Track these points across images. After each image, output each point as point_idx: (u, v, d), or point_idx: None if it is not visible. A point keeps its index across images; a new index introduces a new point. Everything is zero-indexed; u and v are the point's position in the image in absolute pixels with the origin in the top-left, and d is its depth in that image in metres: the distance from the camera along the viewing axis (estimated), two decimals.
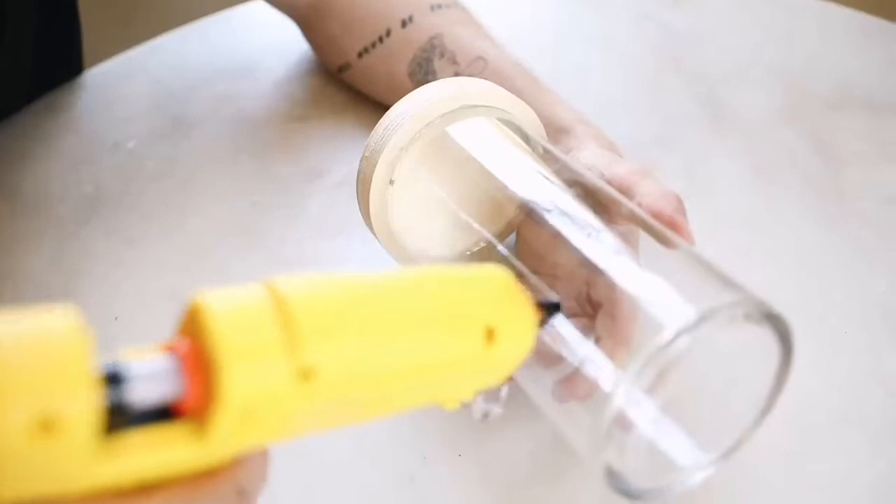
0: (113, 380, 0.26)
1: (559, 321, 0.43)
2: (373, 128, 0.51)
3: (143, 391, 0.26)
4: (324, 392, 0.27)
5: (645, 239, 0.43)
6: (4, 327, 0.24)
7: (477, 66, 0.62)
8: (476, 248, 0.52)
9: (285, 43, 0.75)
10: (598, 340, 0.42)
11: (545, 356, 0.42)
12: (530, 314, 0.34)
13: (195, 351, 0.26)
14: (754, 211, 0.63)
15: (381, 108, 0.67)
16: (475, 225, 0.48)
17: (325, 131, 0.69)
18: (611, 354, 0.39)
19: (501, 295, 0.33)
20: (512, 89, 0.53)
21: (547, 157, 0.50)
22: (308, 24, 0.71)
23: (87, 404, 0.24)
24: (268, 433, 0.28)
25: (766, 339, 0.38)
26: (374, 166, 0.49)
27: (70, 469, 0.25)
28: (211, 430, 0.26)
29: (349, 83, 0.70)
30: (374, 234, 0.52)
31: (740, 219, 0.63)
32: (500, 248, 0.47)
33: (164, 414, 0.26)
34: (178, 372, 0.26)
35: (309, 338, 0.27)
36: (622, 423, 0.37)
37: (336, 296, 0.28)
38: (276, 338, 0.26)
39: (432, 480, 0.49)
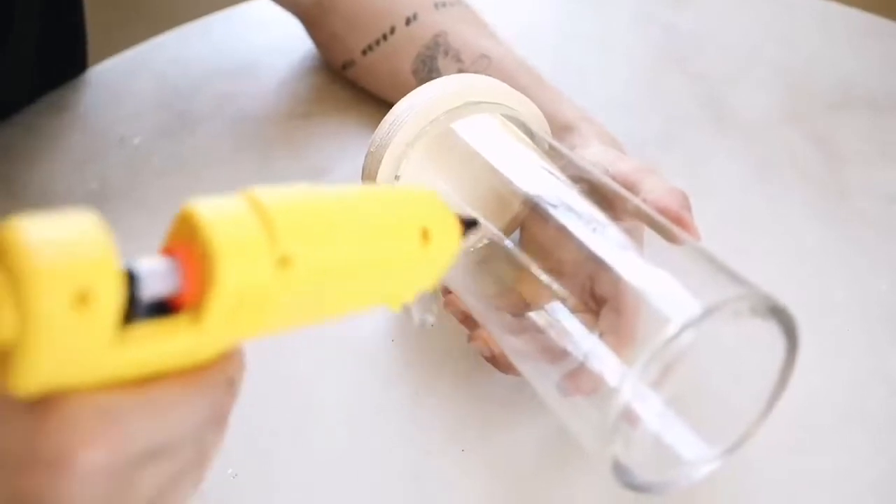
0: (128, 276, 0.29)
1: (564, 316, 0.43)
2: (376, 125, 0.51)
3: (150, 287, 0.29)
4: (298, 279, 0.32)
5: (650, 235, 0.44)
6: (40, 220, 0.28)
7: (481, 64, 0.62)
8: (480, 244, 0.52)
9: (288, 41, 0.75)
10: (602, 335, 0.42)
11: (550, 351, 0.43)
12: (456, 223, 0.39)
13: (187, 252, 0.30)
14: (755, 210, 0.64)
15: (385, 105, 0.68)
16: (481, 220, 0.49)
17: (329, 129, 0.69)
18: (615, 349, 0.39)
19: (432, 205, 0.38)
20: (516, 87, 0.54)
21: (552, 154, 0.50)
22: (312, 21, 0.71)
23: (116, 284, 0.28)
24: (253, 323, 0.32)
25: (771, 334, 0.39)
26: (380, 162, 0.49)
27: (93, 349, 0.28)
28: (206, 318, 0.30)
29: (353, 80, 0.71)
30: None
31: (741, 218, 0.63)
32: (507, 242, 0.47)
33: (163, 311, 0.30)
34: (176, 270, 0.30)
35: (284, 231, 0.31)
36: (629, 418, 0.37)
37: (304, 199, 0.33)
38: (257, 232, 0.31)
39: (436, 476, 0.50)
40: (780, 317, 0.38)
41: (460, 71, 0.62)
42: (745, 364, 0.41)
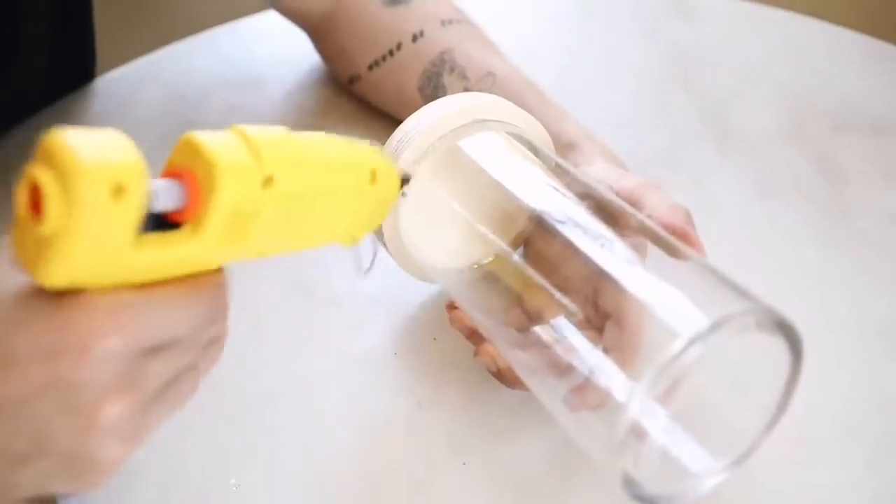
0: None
1: (570, 331, 0.43)
2: (382, 139, 0.51)
3: (160, 201, 0.34)
4: (278, 199, 0.37)
5: (654, 251, 0.44)
6: (77, 132, 0.32)
7: (486, 82, 0.62)
8: (486, 261, 0.52)
9: (295, 54, 0.76)
10: (606, 350, 0.43)
11: (556, 365, 0.43)
12: (395, 173, 0.45)
13: (189, 174, 0.35)
14: (758, 228, 0.64)
15: (390, 120, 0.68)
16: (490, 235, 0.49)
17: None
18: (620, 364, 0.40)
19: (378, 155, 0.44)
20: (520, 105, 0.54)
21: (557, 171, 0.51)
22: (320, 35, 0.71)
23: (144, 181, 0.33)
24: (240, 240, 0.37)
25: (776, 348, 0.39)
26: None
27: (119, 244, 0.33)
28: (206, 229, 0.35)
29: (358, 95, 0.71)
30: (385, 246, 0.53)
31: (744, 236, 0.63)
32: (515, 257, 0.48)
33: (165, 227, 0.35)
34: (180, 189, 0.35)
35: (268, 156, 0.37)
36: (637, 433, 0.38)
37: (281, 135, 0.38)
38: (248, 156, 0.36)
39: (439, 489, 0.50)
40: (786, 331, 0.38)
41: (466, 88, 0.63)
42: (750, 377, 0.42)
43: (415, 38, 0.66)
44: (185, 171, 0.35)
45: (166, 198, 0.35)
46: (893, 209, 0.65)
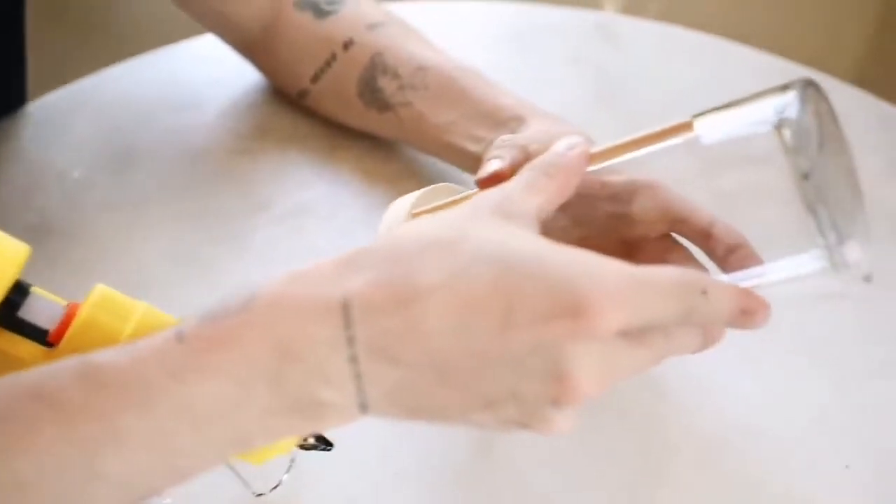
0: (19, 289, 0.42)
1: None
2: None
3: (31, 311, 0.41)
4: None
5: None
6: None
7: (418, 77, 0.64)
8: None
9: (232, 76, 0.76)
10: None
11: None
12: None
13: (75, 308, 0.42)
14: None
15: (326, 140, 0.69)
16: None
17: (270, 164, 0.70)
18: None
19: None
20: (456, 89, 0.57)
21: None
22: (260, 49, 0.72)
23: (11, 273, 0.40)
24: None
25: None
26: None
27: None
28: (57, 353, 0.41)
29: (309, 108, 0.72)
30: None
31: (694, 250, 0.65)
32: None
33: (42, 335, 0.42)
34: (59, 317, 0.42)
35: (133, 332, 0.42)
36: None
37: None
38: (119, 323, 0.42)
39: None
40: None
41: (400, 87, 0.64)
42: None
43: (346, 47, 0.67)
44: (77, 309, 0.41)
45: (40, 313, 0.41)
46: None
